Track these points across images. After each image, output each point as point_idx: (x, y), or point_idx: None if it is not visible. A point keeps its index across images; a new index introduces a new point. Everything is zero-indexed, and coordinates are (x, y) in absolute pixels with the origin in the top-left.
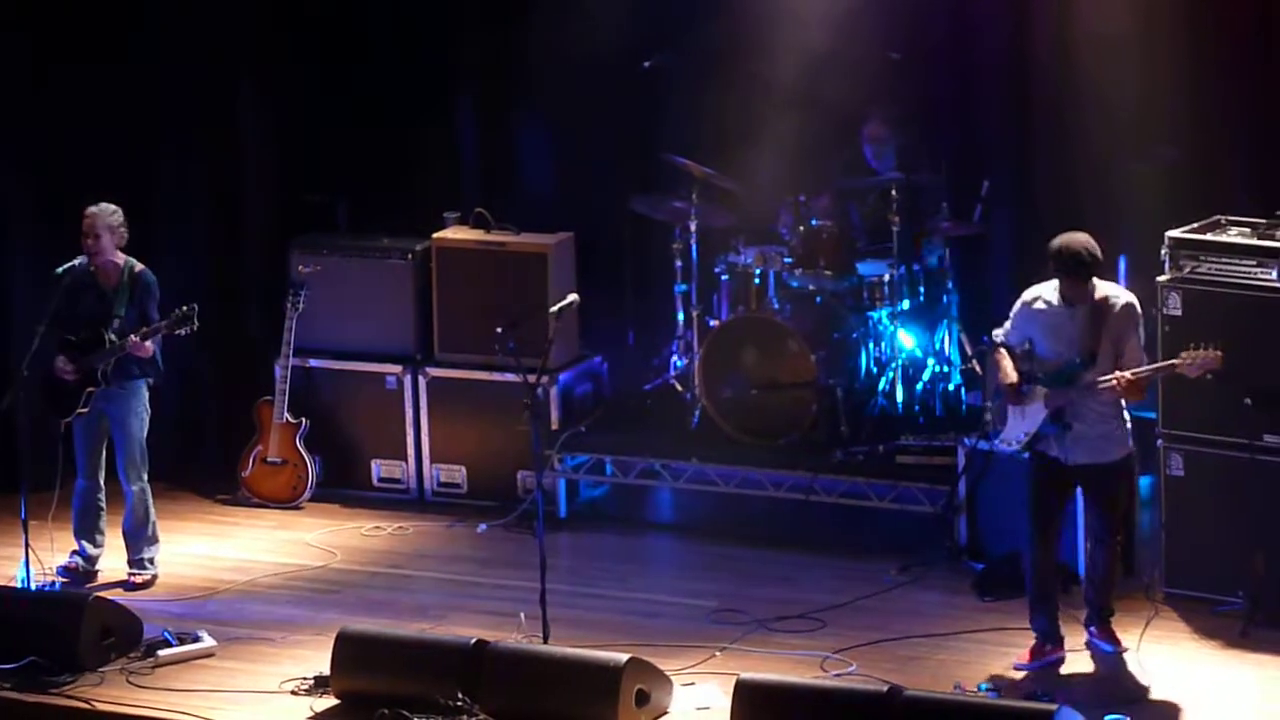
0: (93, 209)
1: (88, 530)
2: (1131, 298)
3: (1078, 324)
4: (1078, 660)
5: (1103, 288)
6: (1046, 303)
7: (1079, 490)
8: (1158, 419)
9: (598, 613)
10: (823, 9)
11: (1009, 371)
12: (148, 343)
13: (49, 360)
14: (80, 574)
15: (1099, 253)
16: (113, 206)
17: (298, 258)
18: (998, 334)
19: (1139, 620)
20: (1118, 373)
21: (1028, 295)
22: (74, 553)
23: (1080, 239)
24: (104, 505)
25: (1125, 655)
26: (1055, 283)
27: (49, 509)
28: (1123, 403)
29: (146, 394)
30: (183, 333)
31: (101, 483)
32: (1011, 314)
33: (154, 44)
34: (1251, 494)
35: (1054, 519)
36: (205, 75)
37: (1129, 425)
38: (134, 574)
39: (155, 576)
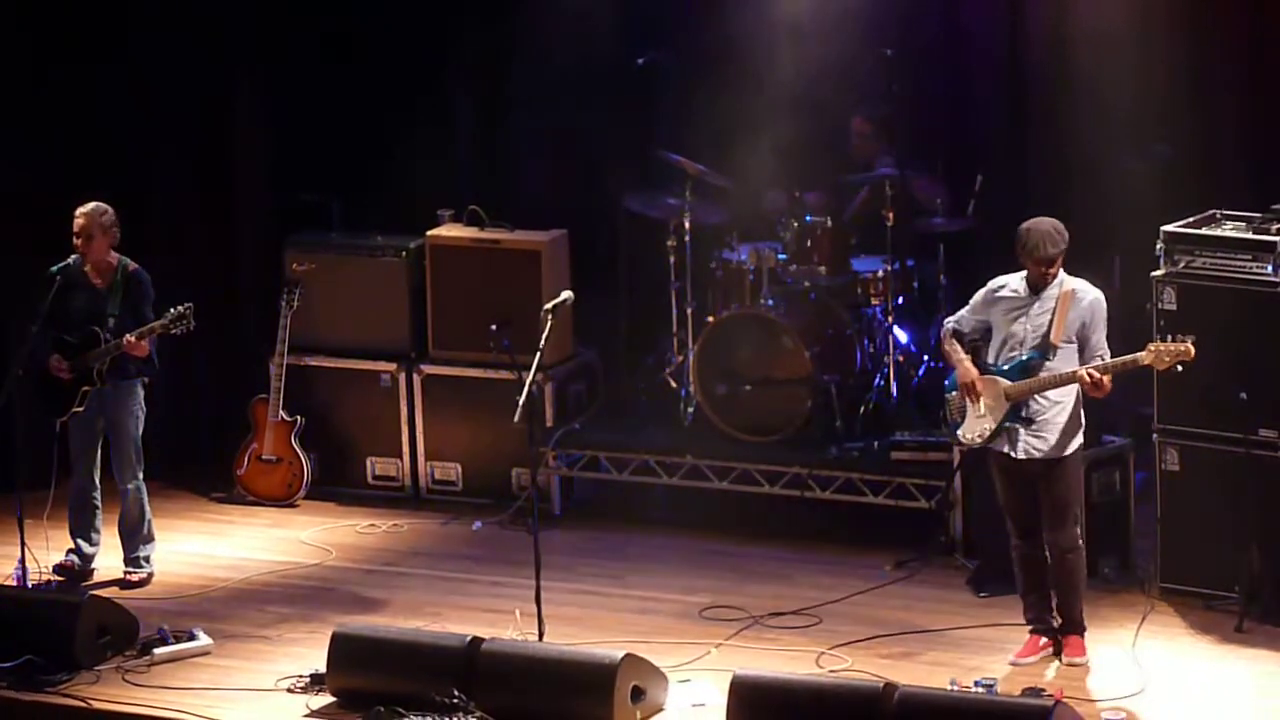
0: (84, 209)
1: (83, 529)
2: (1099, 293)
3: (1041, 314)
4: None
5: (1070, 282)
6: (1013, 291)
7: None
8: (1153, 414)
9: (593, 610)
10: (816, 6)
11: (968, 367)
12: (144, 341)
13: (43, 359)
14: (76, 573)
15: (1065, 237)
16: (104, 206)
17: (292, 256)
18: (949, 322)
19: (1134, 615)
20: (1084, 368)
21: (995, 281)
22: (70, 551)
23: (1047, 223)
24: (100, 504)
25: (1121, 650)
26: (1024, 273)
27: (44, 508)
28: (1081, 399)
29: (142, 393)
30: (178, 332)
31: (97, 481)
32: (973, 299)
33: (150, 43)
34: (1247, 489)
35: (1027, 512)
36: (200, 75)
37: (1083, 421)
38: (130, 572)
39: (151, 575)
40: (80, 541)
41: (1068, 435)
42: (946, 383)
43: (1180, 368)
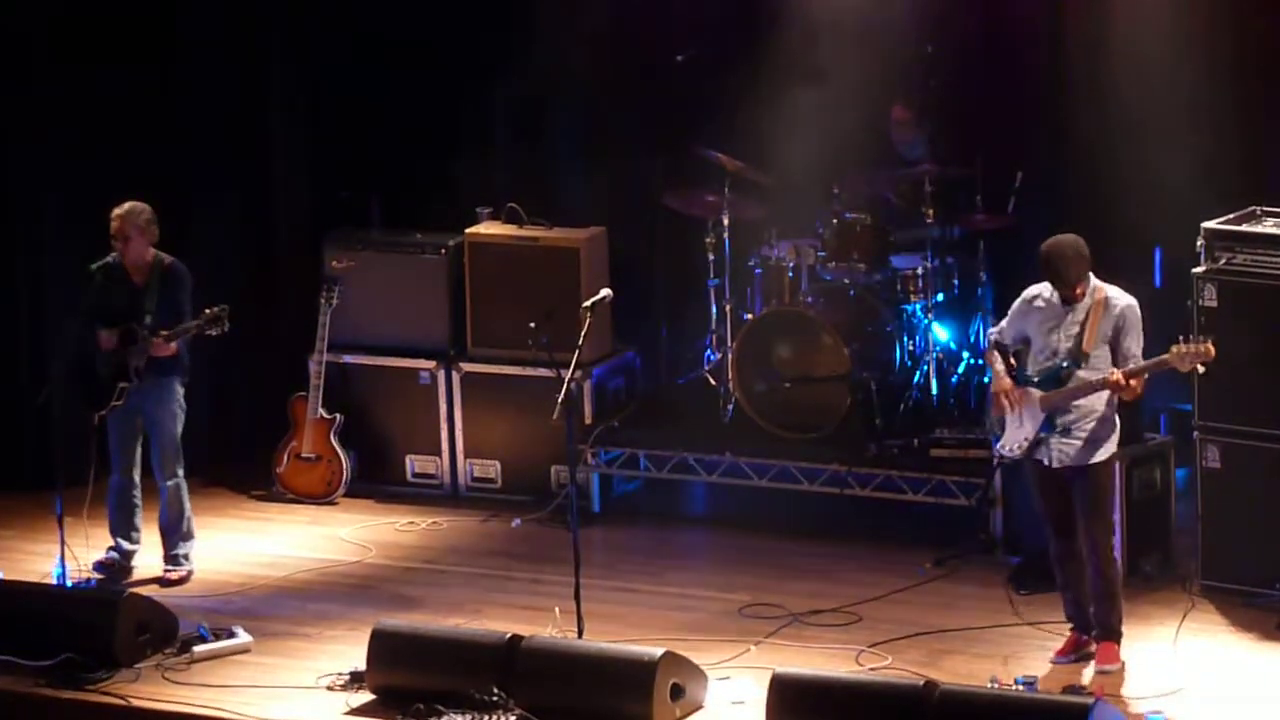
0: (120, 211)
1: (123, 526)
2: (1132, 300)
3: (1074, 323)
4: None
5: (1105, 289)
6: (1046, 300)
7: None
8: (1194, 411)
9: (632, 607)
10: (856, 1)
11: (1002, 379)
12: (171, 344)
13: (82, 356)
14: (116, 570)
15: (1086, 253)
16: (141, 205)
17: (331, 253)
18: (992, 332)
19: (1176, 613)
20: (1110, 371)
21: (1030, 291)
22: (110, 549)
23: (1067, 241)
24: (139, 501)
25: (1162, 648)
26: None
27: (83, 505)
28: (1115, 405)
29: (180, 390)
30: (214, 333)
31: (137, 479)
32: (1010, 309)
33: (188, 42)
34: None
35: (1063, 515)
36: (239, 72)
37: (1117, 429)
38: (169, 570)
39: (190, 572)
40: (120, 539)
41: (1099, 442)
42: (989, 394)
43: (1202, 368)
